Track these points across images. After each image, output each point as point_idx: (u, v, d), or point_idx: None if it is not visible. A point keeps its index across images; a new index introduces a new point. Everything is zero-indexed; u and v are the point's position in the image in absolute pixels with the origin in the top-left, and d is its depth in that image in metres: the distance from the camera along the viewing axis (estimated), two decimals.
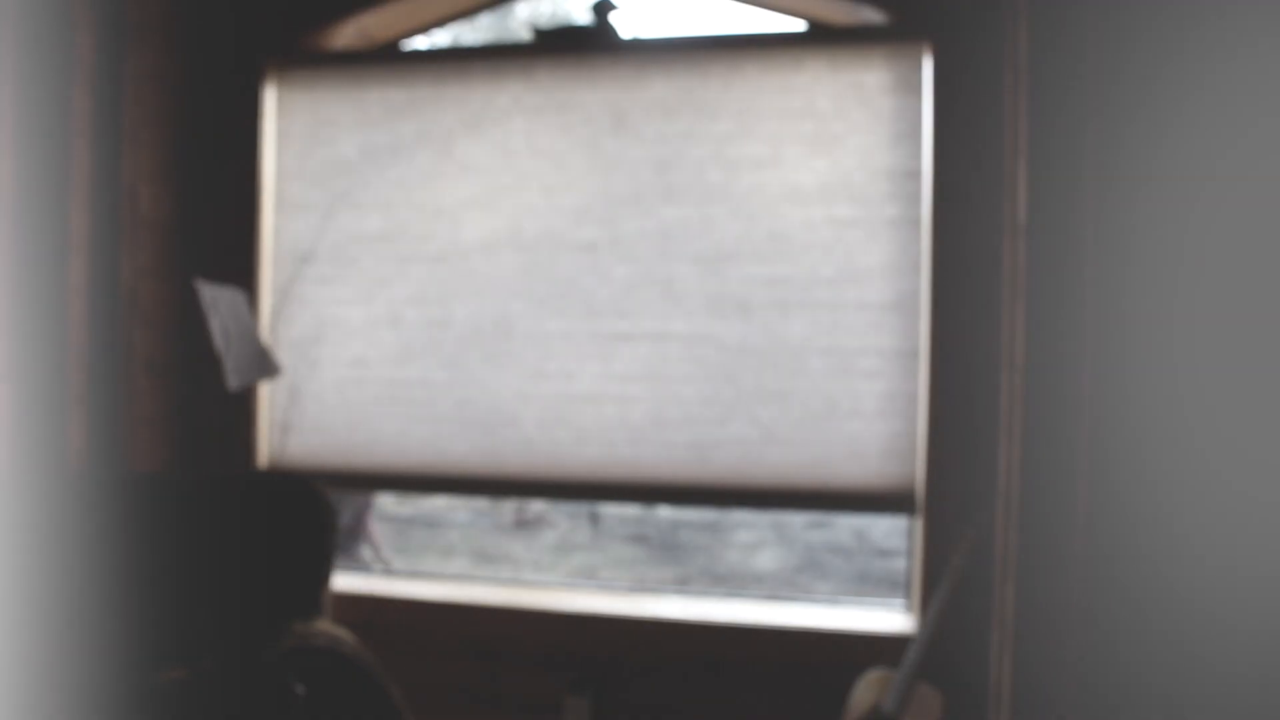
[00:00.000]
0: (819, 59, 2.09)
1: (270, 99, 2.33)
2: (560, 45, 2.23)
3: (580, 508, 7.99)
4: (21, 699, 1.51)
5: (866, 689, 1.91)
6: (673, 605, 2.19)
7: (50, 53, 1.93)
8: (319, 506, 1.94)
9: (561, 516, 8.03)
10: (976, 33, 1.96)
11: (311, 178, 2.32)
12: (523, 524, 8.17)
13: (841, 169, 2.08)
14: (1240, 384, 1.31)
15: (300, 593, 1.89)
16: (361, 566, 3.76)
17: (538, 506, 8.16)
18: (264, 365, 2.19)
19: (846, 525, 5.69)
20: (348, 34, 2.38)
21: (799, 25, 2.28)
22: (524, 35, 10.10)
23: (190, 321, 2.23)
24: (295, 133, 2.33)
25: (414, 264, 2.27)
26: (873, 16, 2.12)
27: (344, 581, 2.29)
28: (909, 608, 2.14)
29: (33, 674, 1.58)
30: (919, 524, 2.07)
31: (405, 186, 2.27)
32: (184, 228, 2.30)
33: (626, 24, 2.21)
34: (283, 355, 2.28)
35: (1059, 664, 1.37)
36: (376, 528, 3.86)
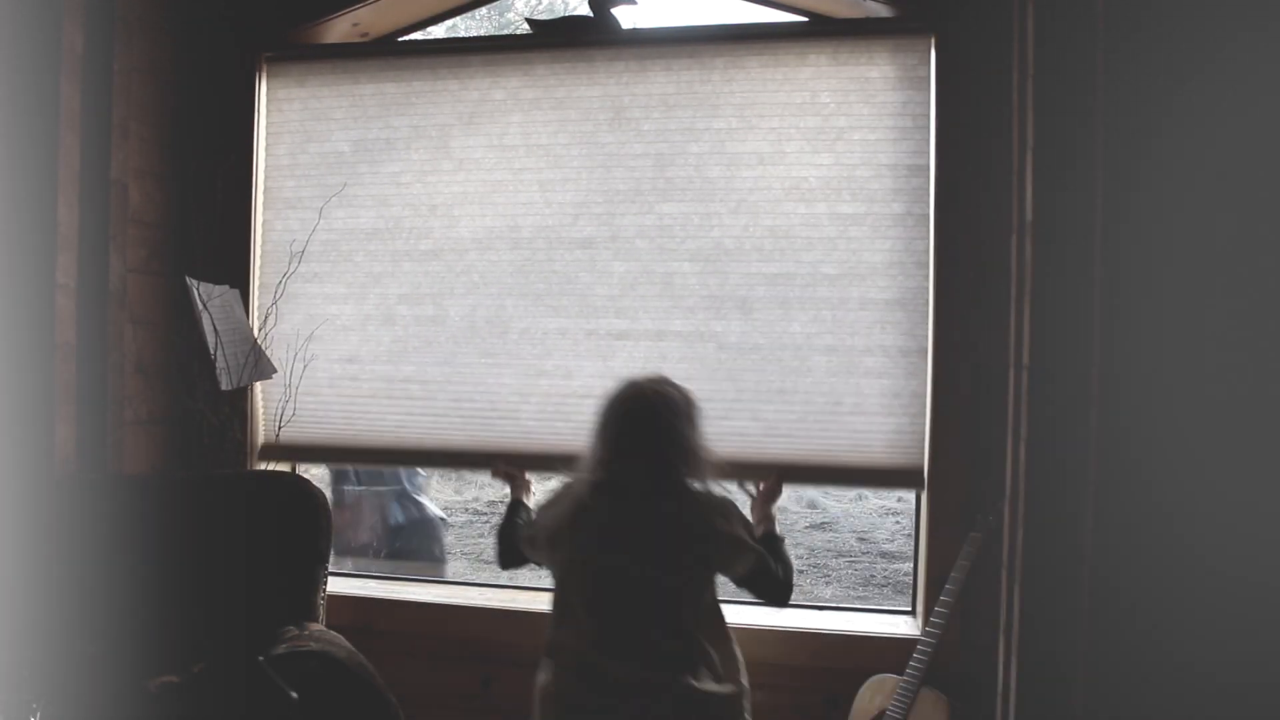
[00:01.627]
0: (822, 52, 2.06)
1: (263, 93, 2.30)
2: (558, 38, 2.19)
3: None
4: (8, 705, 1.48)
5: (870, 694, 1.89)
6: None
7: (37, 43, 1.91)
8: (312, 507, 1.90)
9: None
10: (983, 25, 1.93)
11: (304, 173, 2.29)
12: None
13: (845, 164, 2.05)
14: (1251, 383, 1.29)
15: (293, 596, 1.86)
16: None
17: None
18: (257, 365, 2.16)
19: (849, 527, 5.67)
20: (342, 28, 2.36)
21: (802, 18, 2.24)
22: (522, 29, 10.06)
23: (181, 320, 2.19)
24: (288, 127, 2.30)
25: (408, 260, 2.23)
26: (877, 9, 2.09)
27: (339, 584, 2.26)
28: (914, 612, 2.11)
29: (20, 679, 1.54)
30: (924, 526, 2.03)
31: (400, 182, 2.24)
32: (174, 224, 2.27)
33: (627, 16, 2.18)
34: (275, 353, 2.24)
35: (1067, 669, 1.35)
36: None
